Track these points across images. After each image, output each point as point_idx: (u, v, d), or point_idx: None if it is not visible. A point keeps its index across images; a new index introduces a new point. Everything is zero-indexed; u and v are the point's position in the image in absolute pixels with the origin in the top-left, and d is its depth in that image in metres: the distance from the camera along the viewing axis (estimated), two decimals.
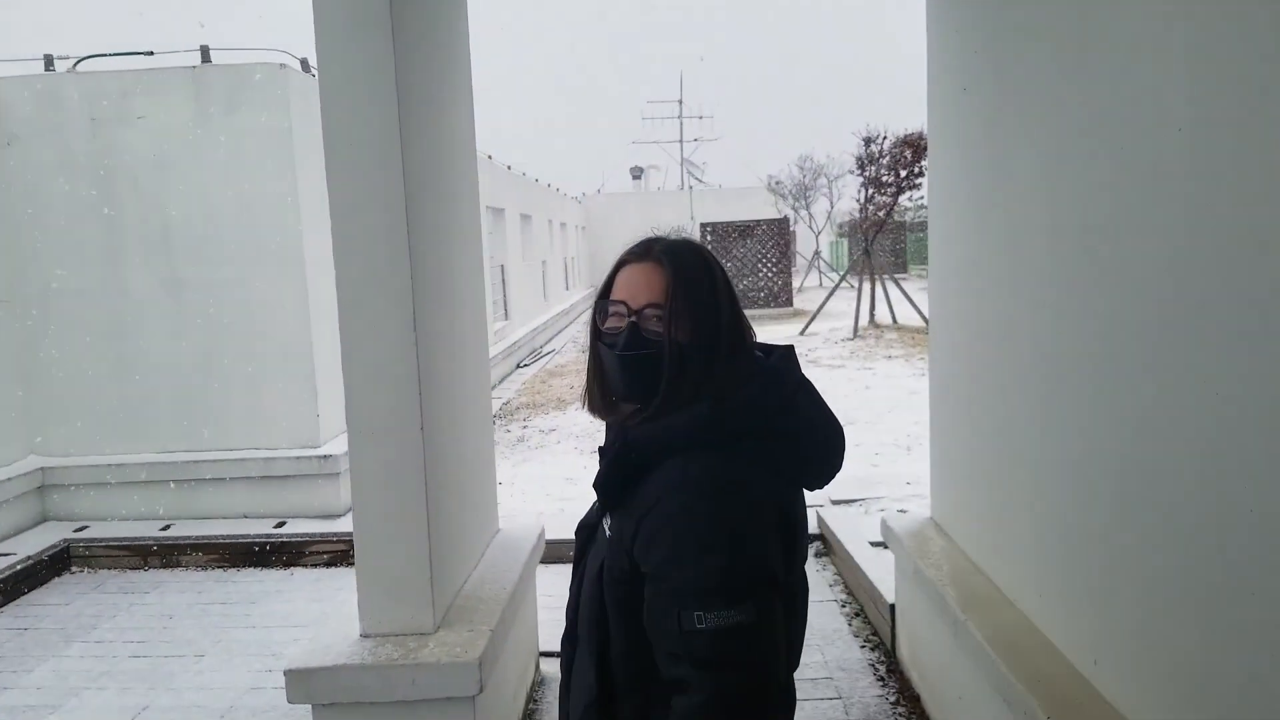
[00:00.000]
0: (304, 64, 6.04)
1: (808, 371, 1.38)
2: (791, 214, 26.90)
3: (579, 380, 11.34)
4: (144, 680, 3.62)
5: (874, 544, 4.66)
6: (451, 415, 2.83)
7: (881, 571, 4.16)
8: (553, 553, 4.98)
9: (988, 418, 2.90)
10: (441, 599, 2.63)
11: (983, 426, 2.95)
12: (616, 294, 1.22)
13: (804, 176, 28.05)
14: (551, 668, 3.79)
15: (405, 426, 2.48)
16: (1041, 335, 2.39)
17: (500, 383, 12.28)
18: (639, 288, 1.20)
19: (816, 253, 28.39)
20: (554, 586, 4.62)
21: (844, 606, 4.28)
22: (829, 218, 29.89)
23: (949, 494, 3.41)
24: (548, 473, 7.14)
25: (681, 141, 42.20)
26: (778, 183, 28.17)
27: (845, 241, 34.08)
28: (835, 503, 5.91)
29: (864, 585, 4.22)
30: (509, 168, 16.46)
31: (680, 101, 43.63)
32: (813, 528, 5.32)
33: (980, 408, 2.96)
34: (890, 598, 3.80)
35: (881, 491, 6.08)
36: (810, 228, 28.41)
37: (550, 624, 4.12)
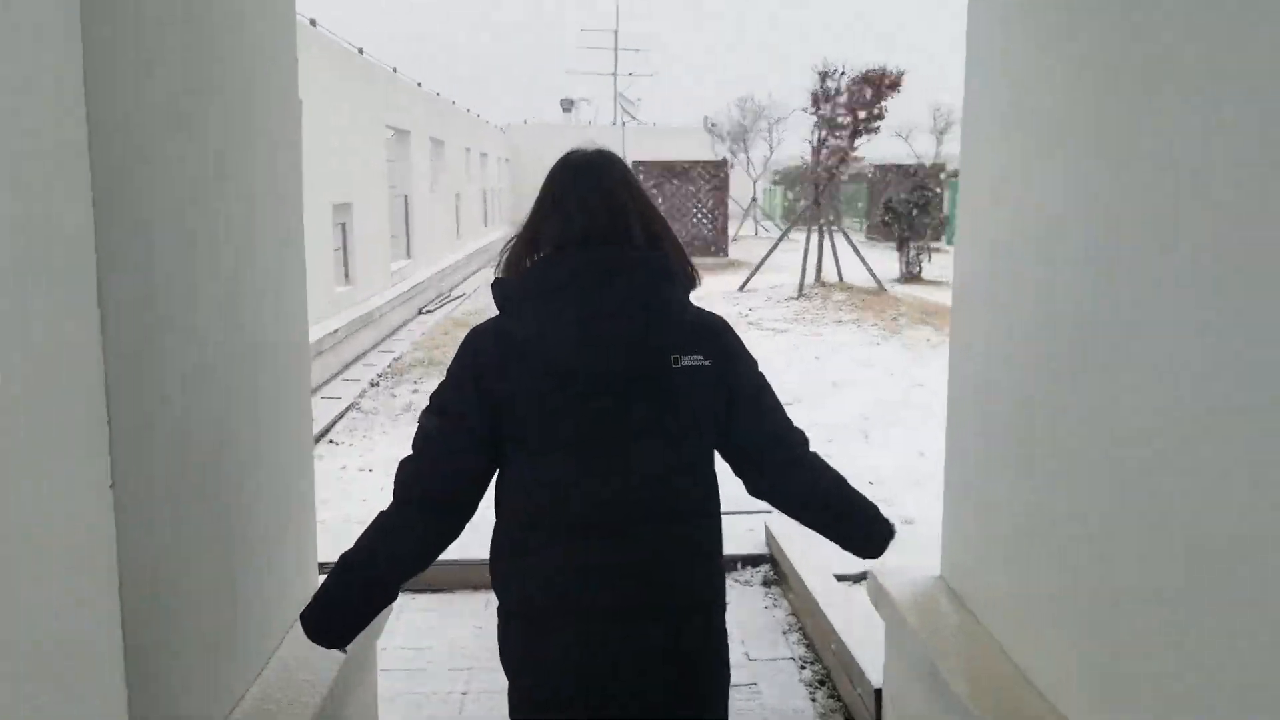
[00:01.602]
0: None
1: (748, 334, 1.15)
2: (729, 157, 25.86)
3: None
4: None
5: (841, 577, 3.72)
6: (202, 417, 1.70)
7: (855, 622, 3.21)
8: (448, 578, 3.90)
9: (1040, 449, 1.93)
10: None
11: (1033, 462, 1.98)
12: None
13: (743, 118, 26.94)
14: None
15: (84, 439, 1.34)
16: (1144, 330, 1.41)
17: (395, 332, 10.99)
18: None
19: (754, 200, 27.42)
20: (431, 633, 3.44)
21: (804, 668, 3.32)
22: (766, 164, 28.94)
23: (973, 549, 2.45)
24: None
25: (616, 75, 40.59)
26: (714, 124, 27.02)
27: (781, 189, 33.19)
28: None
29: (830, 643, 3.27)
30: (419, 84, 14.90)
31: (616, 32, 41.58)
32: (759, 545, 4.34)
33: (1027, 432, 1.99)
34: (875, 679, 2.84)
35: None
36: (748, 173, 27.42)
37: (407, 702, 3.06)
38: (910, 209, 14.13)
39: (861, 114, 10.31)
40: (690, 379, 1.50)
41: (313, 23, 9.17)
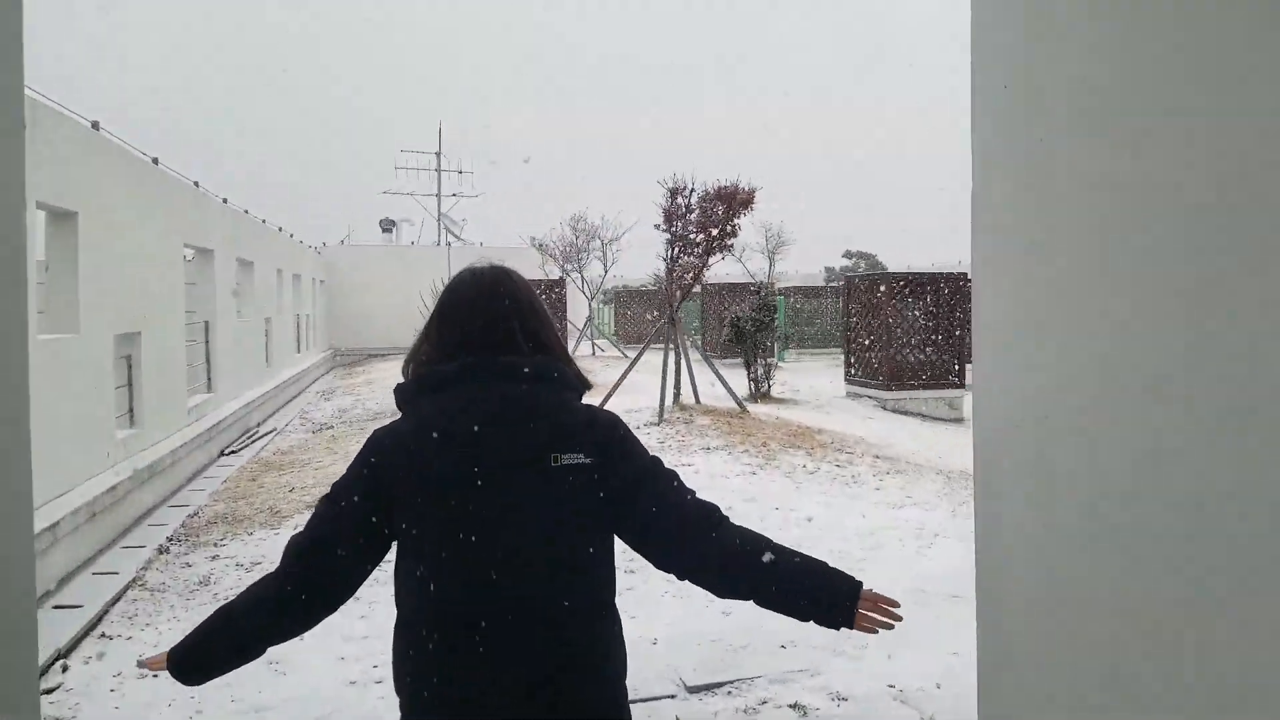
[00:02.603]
0: None
1: None
2: (564, 275, 25.72)
3: (309, 477, 8.89)
4: None
5: None
6: None
7: None
8: None
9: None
10: None
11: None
12: None
13: (576, 238, 26.90)
14: None
15: None
16: None
17: (192, 480, 9.50)
18: None
19: (589, 319, 27.21)
20: None
21: None
22: (601, 283, 28.99)
23: None
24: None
25: (439, 195, 40.10)
26: (540, 245, 26.87)
27: (611, 308, 33.29)
28: (693, 690, 4.13)
29: None
30: (224, 200, 13.68)
31: (439, 154, 41.22)
32: None
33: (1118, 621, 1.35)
34: None
35: (750, 664, 4.40)
36: (583, 291, 27.25)
37: None
38: (755, 327, 14.05)
39: (714, 231, 10.09)
40: (571, 477, 1.57)
41: (95, 126, 8.00)
